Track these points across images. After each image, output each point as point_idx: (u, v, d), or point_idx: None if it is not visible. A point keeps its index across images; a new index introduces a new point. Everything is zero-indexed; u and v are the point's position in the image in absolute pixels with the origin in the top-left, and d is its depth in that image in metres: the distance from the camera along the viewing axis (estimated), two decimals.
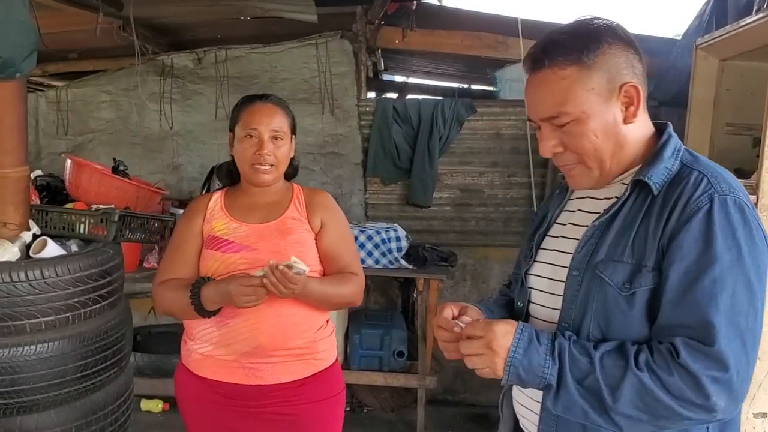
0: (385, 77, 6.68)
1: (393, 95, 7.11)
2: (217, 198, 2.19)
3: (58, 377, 2.52)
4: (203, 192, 4.43)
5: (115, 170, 3.08)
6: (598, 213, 1.42)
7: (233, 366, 2.01)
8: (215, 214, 2.13)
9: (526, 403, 1.51)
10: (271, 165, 2.06)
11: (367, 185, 4.98)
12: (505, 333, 1.29)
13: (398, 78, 7.28)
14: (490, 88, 6.69)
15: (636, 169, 1.39)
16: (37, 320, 2.48)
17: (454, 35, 5.12)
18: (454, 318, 1.44)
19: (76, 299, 2.56)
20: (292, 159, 2.19)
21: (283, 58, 5.04)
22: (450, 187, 4.96)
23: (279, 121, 2.08)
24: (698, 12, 4.60)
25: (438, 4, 4.99)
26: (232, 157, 2.17)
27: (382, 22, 5.02)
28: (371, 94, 5.73)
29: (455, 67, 6.57)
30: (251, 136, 2.05)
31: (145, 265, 4.46)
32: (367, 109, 4.94)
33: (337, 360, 2.18)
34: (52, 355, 2.51)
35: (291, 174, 2.23)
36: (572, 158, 1.39)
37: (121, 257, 2.82)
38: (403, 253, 4.33)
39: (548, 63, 1.32)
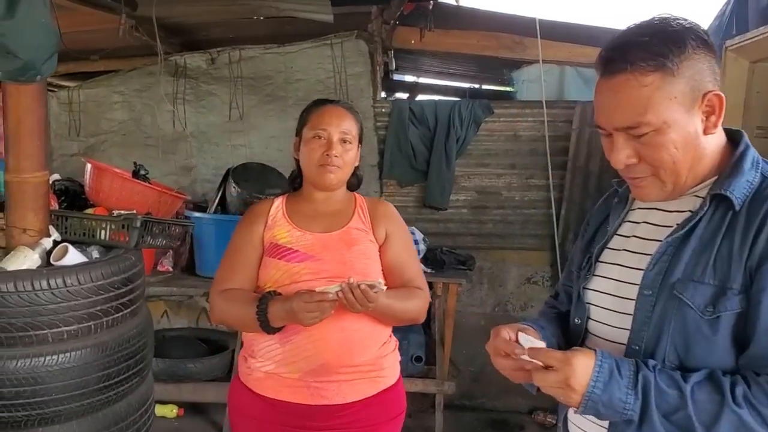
0: (395, 77, 6.63)
1: (403, 95, 7.07)
2: (278, 204, 2.13)
3: (80, 388, 2.47)
4: (218, 195, 4.36)
5: (135, 174, 3.02)
6: (669, 227, 1.34)
7: (298, 385, 1.94)
8: (277, 221, 2.07)
9: (590, 429, 1.43)
10: (338, 167, 2.02)
11: (383, 187, 4.92)
12: (584, 367, 1.21)
13: (408, 78, 7.24)
14: (504, 89, 6.66)
15: (711, 181, 1.31)
16: (59, 330, 2.42)
17: (470, 35, 5.06)
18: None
19: (98, 308, 2.50)
20: (356, 168, 2.15)
21: (297, 59, 4.97)
22: (467, 189, 4.90)
23: (349, 125, 2.05)
24: (718, 13, 4.53)
25: (455, 4, 4.92)
26: (296, 162, 2.14)
27: (397, 22, 4.96)
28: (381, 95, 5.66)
29: (467, 68, 6.51)
30: (320, 137, 2.02)
31: (159, 268, 4.41)
32: (383, 110, 4.88)
33: (400, 377, 2.12)
34: (75, 365, 2.45)
35: (354, 184, 2.18)
36: (646, 170, 1.30)
37: (143, 264, 2.77)
38: (421, 256, 4.27)
39: (630, 68, 1.23)
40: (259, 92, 5.01)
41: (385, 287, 1.82)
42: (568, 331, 1.53)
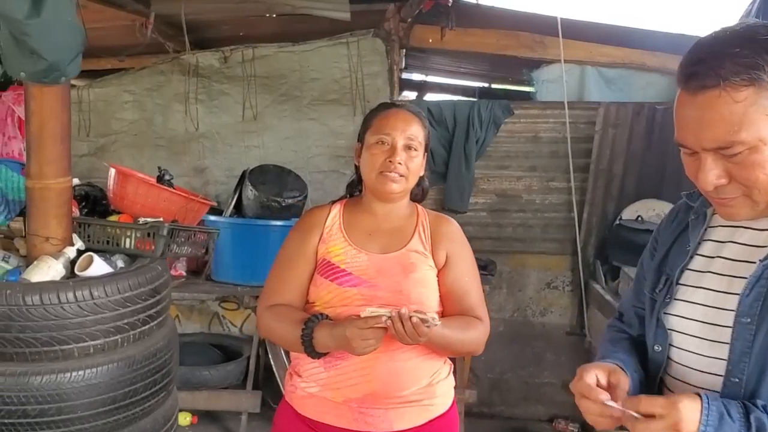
0: (404, 75, 6.52)
1: (411, 94, 6.96)
2: (335, 214, 1.98)
3: (106, 404, 2.37)
4: (235, 197, 4.25)
5: (160, 180, 2.90)
6: (761, 247, 1.24)
7: (342, 409, 1.82)
8: (333, 234, 1.93)
9: None
10: (402, 175, 1.88)
11: None
12: (692, 411, 1.11)
13: (415, 76, 7.14)
14: (517, 88, 6.56)
15: None
16: (85, 344, 2.32)
17: (489, 34, 4.94)
18: (598, 385, 1.27)
19: (125, 320, 2.40)
20: (422, 178, 2.00)
21: (312, 57, 4.86)
22: (486, 192, 4.79)
23: (415, 130, 1.90)
24: (744, 12, 4.43)
25: (473, 2, 4.80)
26: (356, 168, 2.00)
27: (415, 21, 4.85)
28: None
29: (478, 66, 6.40)
30: (383, 143, 1.88)
31: (173, 273, 4.29)
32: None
33: (454, 403, 1.98)
34: (101, 381, 2.35)
35: (418, 195, 2.04)
36: (737, 190, 1.19)
37: (169, 274, 2.66)
38: None
39: (722, 83, 1.11)
40: (273, 92, 4.90)
41: (438, 323, 1.68)
42: (651, 361, 1.43)
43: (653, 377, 1.41)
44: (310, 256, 1.92)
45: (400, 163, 1.86)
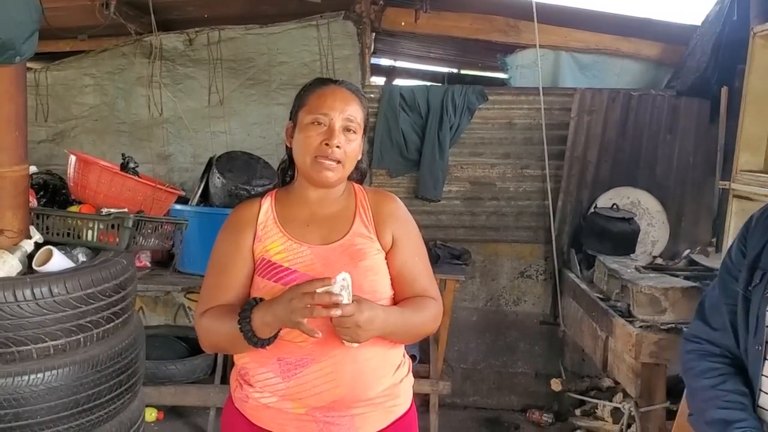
0: (372, 60, 6.38)
1: (380, 79, 6.83)
2: (267, 209, 1.80)
3: (68, 408, 2.24)
4: (201, 185, 4.09)
5: (124, 167, 2.74)
6: None
7: (304, 419, 1.68)
8: (268, 230, 1.76)
9: None
10: (338, 162, 1.72)
11: (372, 178, 4.68)
12: None
13: (384, 62, 7.01)
14: (486, 74, 6.47)
15: None
16: (44, 344, 2.18)
17: (463, 18, 4.84)
18: None
19: (88, 319, 2.26)
20: (359, 161, 1.84)
21: (281, 40, 4.70)
22: (460, 180, 4.70)
23: (354, 110, 1.74)
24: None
25: None
26: (288, 150, 1.83)
27: (386, 3, 4.72)
28: None
29: (448, 52, 6.31)
30: (319, 123, 1.71)
31: (137, 264, 4.11)
32: (372, 95, 4.63)
33: (413, 401, 1.87)
34: (62, 384, 2.21)
35: (356, 179, 1.89)
36: None
37: (135, 268, 2.51)
38: None
39: None
40: (240, 75, 4.73)
41: (344, 283, 1.53)
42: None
43: (753, 375, 1.39)
44: (246, 257, 1.75)
45: (338, 147, 1.70)
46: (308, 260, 1.70)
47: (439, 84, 6.01)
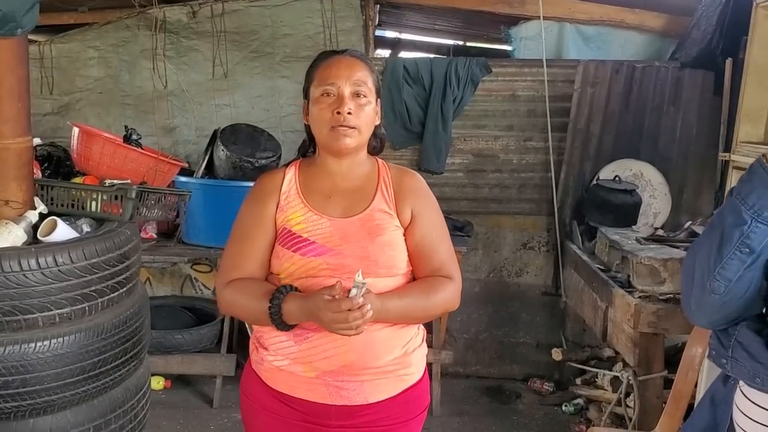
0: (377, 33, 6.36)
1: (385, 52, 6.81)
2: (290, 179, 1.84)
3: (74, 375, 2.29)
4: (206, 157, 4.12)
5: (127, 139, 2.77)
6: None
7: (314, 383, 1.73)
8: (290, 200, 1.80)
9: None
10: (354, 127, 1.73)
11: None
12: None
13: (389, 34, 6.98)
14: (491, 46, 6.44)
15: None
16: (50, 313, 2.23)
17: None
18: None
19: (92, 288, 2.31)
20: (377, 128, 1.85)
21: (284, 13, 4.69)
22: (463, 152, 4.71)
23: (362, 75, 1.75)
24: None
25: None
26: (308, 129, 1.86)
27: None
28: None
29: (454, 23, 6.27)
30: (329, 94, 1.73)
31: (143, 235, 4.18)
32: (376, 68, 4.61)
33: (426, 371, 1.91)
34: (68, 351, 2.27)
35: (376, 147, 1.90)
36: None
37: (139, 238, 2.56)
38: None
39: None
40: (243, 48, 4.74)
41: (364, 286, 1.57)
42: None
43: None
44: (268, 226, 1.79)
45: (349, 113, 1.71)
46: (327, 232, 1.74)
47: (444, 56, 6.00)
